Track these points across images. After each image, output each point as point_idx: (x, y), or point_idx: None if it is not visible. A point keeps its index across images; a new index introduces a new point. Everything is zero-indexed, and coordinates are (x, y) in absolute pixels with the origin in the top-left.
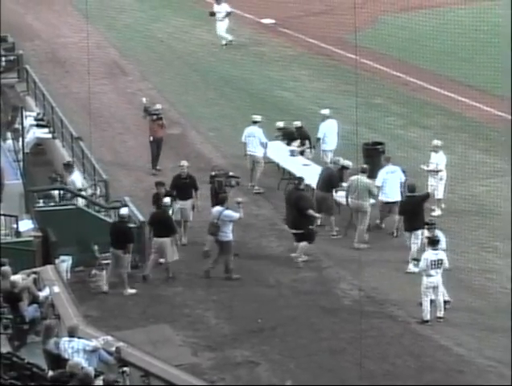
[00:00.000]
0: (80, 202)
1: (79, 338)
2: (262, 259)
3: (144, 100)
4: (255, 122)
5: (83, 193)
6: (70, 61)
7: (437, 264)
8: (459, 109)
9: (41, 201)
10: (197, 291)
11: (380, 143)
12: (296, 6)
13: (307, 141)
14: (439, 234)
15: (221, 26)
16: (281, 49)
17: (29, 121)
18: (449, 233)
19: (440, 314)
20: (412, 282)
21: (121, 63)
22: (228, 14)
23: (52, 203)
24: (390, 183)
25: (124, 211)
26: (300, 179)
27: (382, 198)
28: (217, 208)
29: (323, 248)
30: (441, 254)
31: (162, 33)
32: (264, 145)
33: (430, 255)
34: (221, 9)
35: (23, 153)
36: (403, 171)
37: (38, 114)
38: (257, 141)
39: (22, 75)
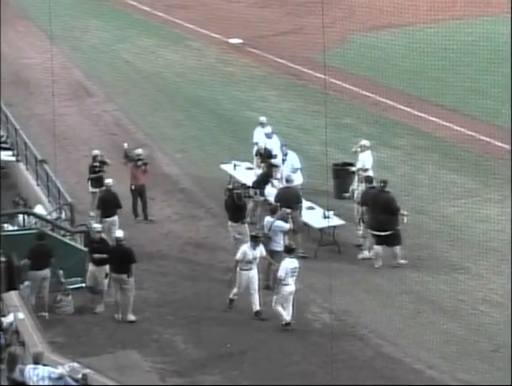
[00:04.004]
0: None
1: (44, 365)
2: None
3: (126, 145)
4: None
5: (47, 217)
6: (34, 82)
7: (294, 272)
8: (429, 129)
9: (5, 225)
10: (165, 316)
11: (349, 164)
12: (264, 25)
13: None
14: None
15: None
16: (249, 69)
17: None
18: (420, 254)
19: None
20: (383, 305)
21: (86, 84)
22: None
23: (16, 228)
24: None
25: (119, 233)
26: (385, 182)
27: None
28: (268, 218)
29: None
30: (297, 262)
31: (127, 53)
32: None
33: (288, 263)
34: None
35: None
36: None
37: (1, 137)
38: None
39: None
